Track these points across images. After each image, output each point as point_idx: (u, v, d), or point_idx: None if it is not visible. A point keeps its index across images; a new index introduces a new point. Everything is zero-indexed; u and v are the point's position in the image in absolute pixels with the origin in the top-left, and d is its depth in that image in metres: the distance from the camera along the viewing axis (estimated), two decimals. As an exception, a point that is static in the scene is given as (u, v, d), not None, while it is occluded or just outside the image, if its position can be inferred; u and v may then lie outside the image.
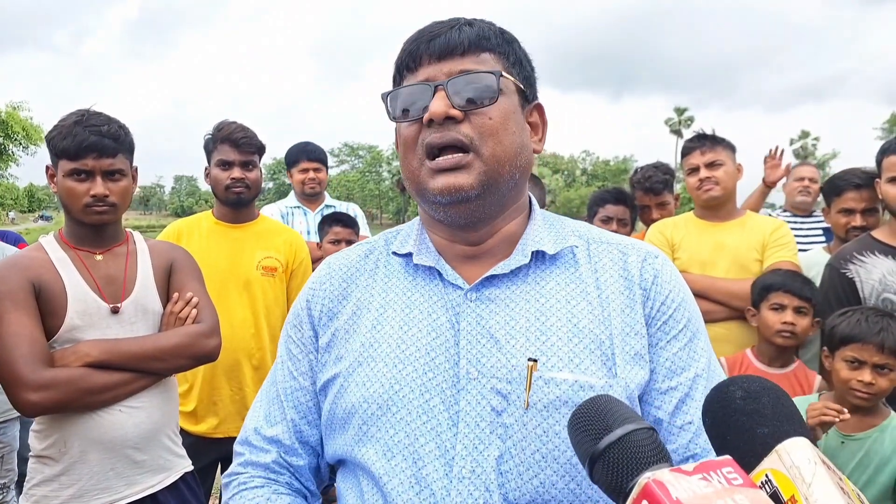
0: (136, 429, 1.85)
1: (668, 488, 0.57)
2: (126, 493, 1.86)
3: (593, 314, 0.98)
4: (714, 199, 2.87)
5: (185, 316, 1.96)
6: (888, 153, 2.53)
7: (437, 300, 1.02)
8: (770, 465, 0.65)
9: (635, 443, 0.65)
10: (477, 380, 0.95)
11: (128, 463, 1.85)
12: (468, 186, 0.96)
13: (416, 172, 1.00)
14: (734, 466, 0.62)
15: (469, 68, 0.98)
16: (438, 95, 0.97)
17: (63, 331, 1.80)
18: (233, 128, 2.72)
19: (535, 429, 0.92)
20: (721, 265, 2.79)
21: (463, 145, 0.96)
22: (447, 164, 0.97)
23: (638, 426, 0.66)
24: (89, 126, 1.85)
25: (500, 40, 1.02)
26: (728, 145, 2.94)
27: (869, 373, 2.06)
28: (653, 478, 0.58)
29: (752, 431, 0.69)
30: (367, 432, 0.98)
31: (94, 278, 1.88)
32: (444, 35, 0.99)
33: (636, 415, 0.69)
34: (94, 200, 1.86)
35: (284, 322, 1.18)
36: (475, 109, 0.97)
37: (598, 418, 0.68)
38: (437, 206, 1.00)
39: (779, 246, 2.78)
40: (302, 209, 3.87)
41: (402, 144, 1.03)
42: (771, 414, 0.70)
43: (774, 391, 0.73)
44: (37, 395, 1.68)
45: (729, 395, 0.73)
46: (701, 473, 0.60)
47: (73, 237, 1.93)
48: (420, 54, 1.00)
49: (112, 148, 1.86)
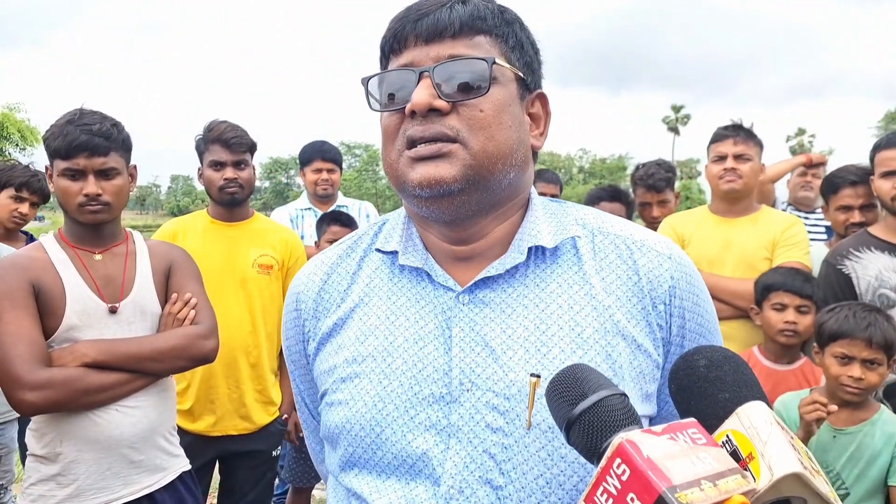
0: (133, 428, 1.85)
1: (640, 447, 0.62)
2: (123, 492, 1.86)
3: (599, 321, 0.89)
4: (734, 192, 2.84)
5: (184, 317, 1.96)
6: (880, 149, 2.55)
7: (426, 304, 0.93)
8: (730, 426, 0.71)
9: (609, 407, 0.68)
10: (471, 391, 0.87)
11: (124, 462, 1.85)
12: (450, 178, 0.85)
13: (394, 164, 0.90)
14: (698, 427, 0.67)
15: (459, 53, 0.87)
16: (423, 83, 0.86)
17: (61, 330, 1.80)
18: (223, 128, 2.70)
19: (538, 451, 0.84)
20: (729, 264, 2.78)
21: (448, 139, 0.86)
22: (427, 151, 0.86)
23: (611, 392, 0.70)
24: (81, 125, 1.84)
25: (499, 20, 0.90)
26: (759, 142, 2.91)
27: (858, 368, 2.08)
28: (626, 438, 0.63)
29: (715, 396, 0.75)
30: (354, 454, 0.92)
31: (93, 278, 1.88)
32: (434, 14, 0.87)
33: (609, 382, 0.72)
34: (88, 199, 1.86)
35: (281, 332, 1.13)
36: (464, 100, 0.87)
37: (574, 385, 0.71)
38: (419, 201, 0.89)
39: (790, 245, 2.75)
40: (313, 211, 3.83)
41: (383, 134, 0.92)
42: (732, 381, 0.75)
43: (735, 360, 0.78)
44: (34, 395, 1.68)
45: (694, 363, 0.78)
46: (668, 434, 0.65)
47: (72, 236, 1.93)
48: (406, 35, 0.89)
49: (104, 146, 1.86)
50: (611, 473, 0.63)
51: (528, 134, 0.95)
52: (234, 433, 2.63)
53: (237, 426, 2.63)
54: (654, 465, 0.60)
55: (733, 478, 0.62)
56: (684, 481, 0.59)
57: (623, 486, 0.61)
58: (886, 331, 2.07)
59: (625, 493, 0.61)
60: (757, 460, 0.67)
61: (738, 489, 0.61)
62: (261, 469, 2.76)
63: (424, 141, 0.87)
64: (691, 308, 0.95)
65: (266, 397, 2.73)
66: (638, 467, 0.61)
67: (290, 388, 2.96)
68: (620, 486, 0.61)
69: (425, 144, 0.86)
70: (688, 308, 0.94)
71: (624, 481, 0.61)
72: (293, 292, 1.07)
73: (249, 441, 2.67)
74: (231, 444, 2.64)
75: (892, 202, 2.48)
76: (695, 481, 0.60)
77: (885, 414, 2.14)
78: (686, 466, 0.61)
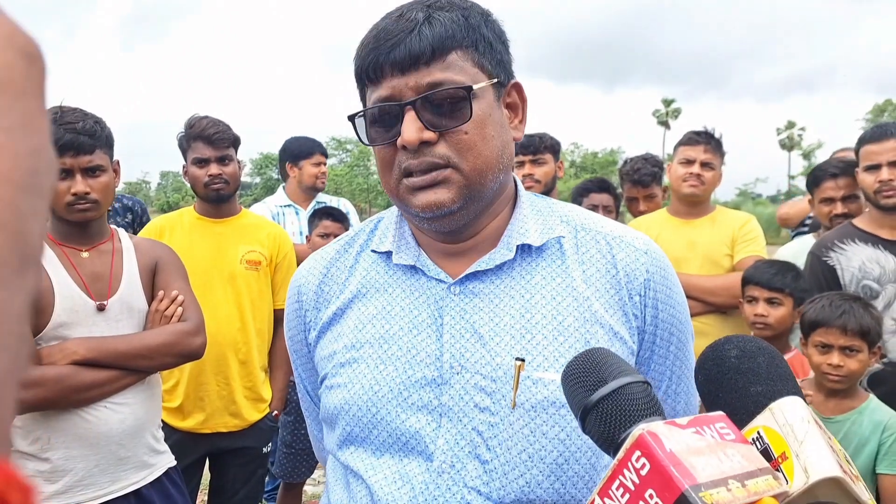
0: (121, 425, 1.86)
1: (662, 440, 0.57)
2: (111, 488, 1.86)
3: (579, 311, 0.96)
4: (695, 196, 3.00)
5: (171, 314, 1.97)
6: (864, 143, 2.58)
7: (419, 295, 1.00)
8: (762, 423, 0.66)
9: (629, 395, 0.64)
10: (461, 374, 0.94)
11: (112, 459, 1.86)
12: (449, 202, 0.93)
13: (395, 190, 0.97)
14: (727, 422, 0.62)
15: (437, 80, 0.91)
16: (409, 118, 0.91)
17: (49, 328, 1.80)
18: (204, 123, 2.68)
19: (521, 429, 0.91)
20: (694, 262, 2.91)
21: (441, 167, 0.93)
22: (423, 182, 0.93)
23: (633, 379, 0.66)
24: (64, 124, 1.83)
25: (466, 32, 0.94)
26: (723, 153, 3.07)
27: (837, 355, 2.12)
28: (647, 429, 0.58)
29: (746, 390, 0.70)
30: (352, 433, 0.99)
31: (81, 276, 1.88)
32: (404, 43, 0.90)
33: (631, 368, 0.68)
34: (76, 199, 1.85)
35: (285, 328, 1.18)
36: (449, 129, 0.92)
37: (593, 370, 0.68)
38: (421, 221, 0.98)
39: (747, 241, 2.90)
40: (294, 208, 3.83)
41: (380, 163, 0.99)
42: (765, 373, 0.70)
43: (769, 351, 0.73)
44: (24, 393, 1.67)
45: (724, 353, 0.73)
46: (694, 427, 0.60)
47: (58, 234, 1.93)
48: (381, 65, 0.92)
49: (89, 145, 1.85)
50: (629, 467, 0.58)
51: (508, 131, 1.00)
52: (224, 430, 2.62)
53: (227, 423, 2.63)
54: (677, 461, 0.55)
55: (764, 478, 0.57)
56: (710, 479, 0.55)
57: (642, 480, 0.57)
58: (862, 318, 2.11)
59: (643, 488, 0.56)
60: (791, 461, 0.62)
61: (768, 491, 0.56)
62: (251, 466, 2.76)
63: (420, 171, 0.93)
64: (664, 300, 1.01)
65: (256, 394, 2.72)
66: (659, 462, 0.56)
67: (280, 384, 2.97)
68: (639, 481, 0.57)
69: (421, 174, 0.93)
70: (661, 300, 1.00)
71: (643, 476, 0.57)
72: (295, 285, 1.13)
73: (239, 438, 2.67)
74: (221, 442, 2.64)
75: (874, 195, 2.51)
76: (721, 480, 0.55)
77: (873, 402, 2.17)
78: (712, 463, 0.56)
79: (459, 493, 0.91)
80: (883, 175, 2.47)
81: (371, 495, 0.96)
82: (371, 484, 0.95)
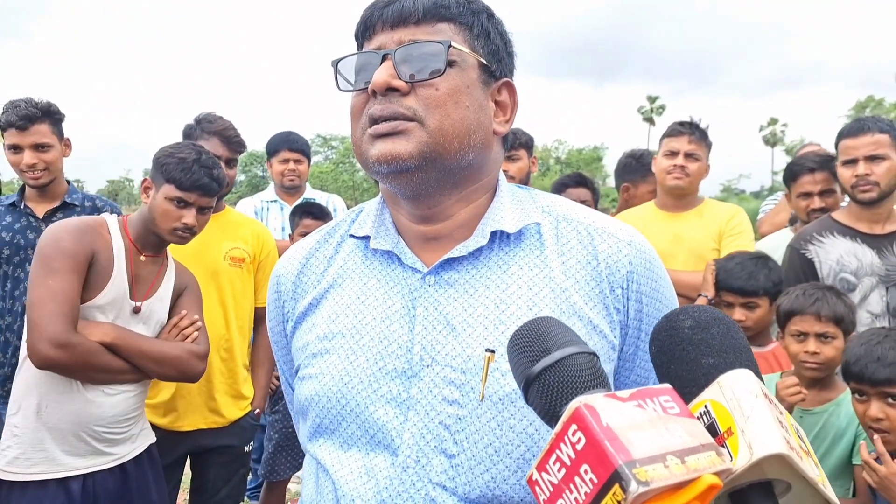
0: (112, 410, 2.01)
1: (599, 413, 0.55)
2: (95, 461, 2.01)
3: (556, 302, 0.92)
4: (680, 189, 2.95)
5: (188, 334, 2.14)
6: (842, 138, 2.61)
7: (394, 285, 0.98)
8: (710, 396, 0.63)
9: (573, 367, 0.62)
10: (431, 367, 0.91)
11: (97, 438, 2.00)
12: (406, 155, 0.90)
13: (359, 142, 0.95)
14: (672, 395, 0.60)
15: (419, 38, 0.92)
16: (384, 65, 0.91)
17: (86, 305, 1.95)
18: (226, 124, 2.77)
19: (488, 422, 0.88)
20: (680, 257, 2.87)
21: (406, 118, 0.91)
22: (383, 129, 0.91)
23: (578, 350, 0.63)
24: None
25: (464, 10, 0.95)
26: (709, 143, 3.01)
27: (813, 342, 2.16)
28: (584, 402, 0.56)
29: (698, 361, 0.66)
30: (321, 425, 0.97)
31: (132, 275, 2.06)
32: (400, 2, 0.93)
33: (578, 338, 0.66)
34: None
35: (266, 324, 1.18)
36: (421, 82, 0.91)
37: (537, 340, 0.65)
38: (379, 177, 0.95)
39: (735, 235, 2.86)
40: (279, 203, 3.79)
41: (351, 114, 0.98)
42: (719, 345, 0.67)
43: (725, 322, 0.70)
44: (54, 351, 1.82)
45: (678, 323, 0.70)
46: (636, 400, 0.57)
47: (135, 232, 2.09)
48: (374, 21, 0.95)
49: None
50: (565, 441, 0.56)
51: (490, 119, 0.98)
52: (205, 427, 2.60)
53: (207, 420, 2.60)
54: (613, 435, 0.53)
55: (706, 454, 0.54)
56: (647, 455, 0.52)
57: (577, 455, 0.55)
58: (834, 305, 2.15)
59: (578, 463, 0.54)
60: (736, 436, 0.59)
61: (709, 468, 0.54)
62: (233, 465, 2.74)
63: (384, 119, 0.91)
64: (649, 293, 0.97)
65: (237, 391, 2.70)
66: (594, 436, 0.54)
67: (262, 382, 2.95)
68: (574, 456, 0.55)
69: (384, 122, 0.91)
70: (645, 293, 0.97)
71: (578, 451, 0.55)
72: (275, 275, 1.13)
73: (220, 436, 2.64)
74: (202, 439, 2.61)
75: (852, 189, 2.54)
76: (659, 456, 0.53)
77: (850, 394, 2.20)
78: (651, 438, 0.54)
79: (424, 488, 0.88)
80: (859, 170, 2.50)
81: (335, 491, 0.94)
82: (336, 479, 0.94)
